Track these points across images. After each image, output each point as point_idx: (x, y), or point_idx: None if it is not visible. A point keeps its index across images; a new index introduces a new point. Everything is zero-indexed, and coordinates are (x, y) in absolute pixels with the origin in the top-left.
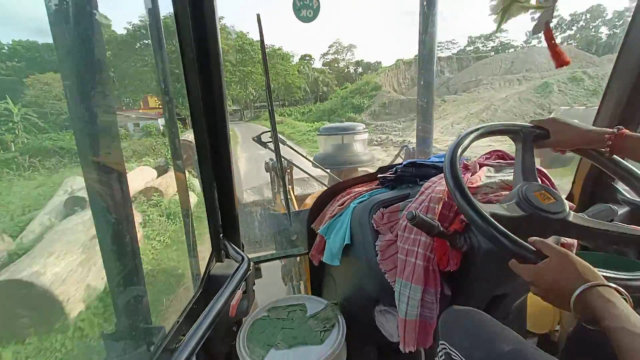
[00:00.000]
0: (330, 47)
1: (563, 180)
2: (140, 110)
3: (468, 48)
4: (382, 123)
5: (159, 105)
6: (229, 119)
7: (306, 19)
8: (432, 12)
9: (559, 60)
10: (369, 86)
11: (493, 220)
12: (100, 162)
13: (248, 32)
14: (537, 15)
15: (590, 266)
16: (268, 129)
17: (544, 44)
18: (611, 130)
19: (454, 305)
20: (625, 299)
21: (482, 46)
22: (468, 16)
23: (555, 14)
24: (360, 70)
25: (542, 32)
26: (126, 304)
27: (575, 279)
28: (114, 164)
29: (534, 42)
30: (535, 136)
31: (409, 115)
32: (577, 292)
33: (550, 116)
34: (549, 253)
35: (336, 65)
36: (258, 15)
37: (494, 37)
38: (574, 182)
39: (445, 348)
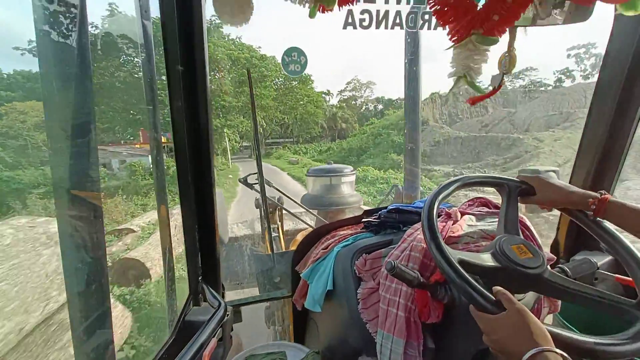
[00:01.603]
0: (347, 84)
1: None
2: (137, 145)
3: (490, 87)
4: (453, 170)
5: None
6: (238, 156)
7: (294, 73)
8: (415, 67)
9: (475, 100)
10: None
11: (459, 266)
12: (76, 198)
13: (259, 47)
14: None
15: (544, 328)
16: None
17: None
18: (594, 194)
19: None
20: None
21: (510, 84)
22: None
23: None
24: (381, 107)
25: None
26: (91, 352)
27: (527, 340)
28: (90, 200)
29: (567, 81)
30: (520, 191)
31: (486, 158)
32: (527, 355)
33: (536, 175)
34: (508, 307)
35: (354, 102)
36: (248, 70)
37: (523, 76)
38: (558, 229)
39: None
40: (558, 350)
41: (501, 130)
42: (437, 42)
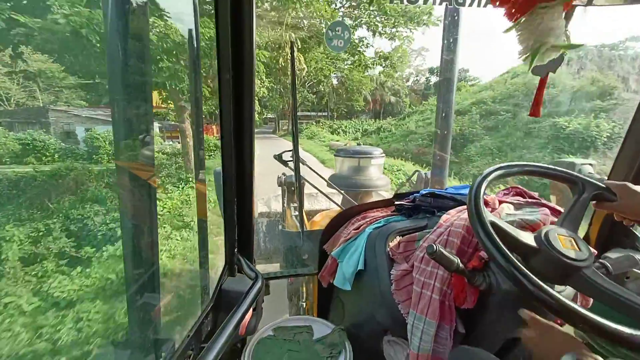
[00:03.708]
0: (394, 49)
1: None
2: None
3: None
4: None
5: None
6: (259, 129)
7: (337, 48)
8: (452, 55)
9: (537, 110)
10: (600, 88)
11: (521, 266)
12: (133, 179)
13: None
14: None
15: (573, 336)
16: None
17: None
18: None
19: (463, 345)
20: None
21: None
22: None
23: None
24: (435, 78)
25: (540, 77)
26: (140, 313)
27: (562, 348)
28: (145, 180)
29: None
30: (597, 195)
31: None
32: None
33: (624, 183)
34: (533, 326)
35: (400, 72)
36: (292, 43)
37: (625, 47)
38: (590, 224)
39: None
40: (593, 355)
41: None
42: None
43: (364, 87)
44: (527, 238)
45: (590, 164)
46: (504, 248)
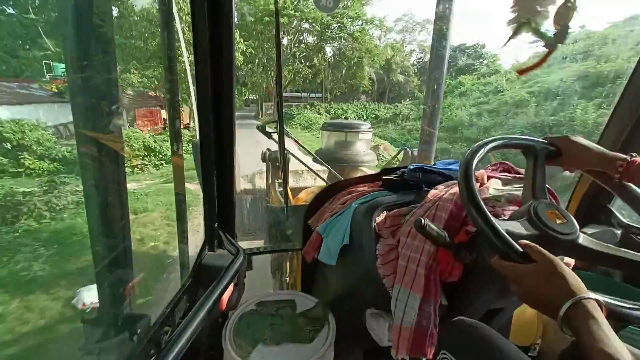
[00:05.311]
0: (396, 21)
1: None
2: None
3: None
4: None
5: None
6: (241, 113)
7: (325, 9)
8: (445, 25)
9: (525, 71)
10: None
11: (494, 221)
12: (96, 136)
13: None
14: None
15: (578, 278)
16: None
17: None
18: (624, 156)
19: (460, 317)
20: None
21: None
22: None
23: None
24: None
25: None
26: (112, 288)
27: (566, 290)
28: (111, 140)
29: None
30: (547, 153)
31: None
32: (568, 304)
33: (564, 135)
34: (538, 258)
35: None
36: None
37: None
38: (569, 201)
39: (446, 358)
40: (594, 296)
41: None
42: None
43: (376, 58)
44: (526, 228)
45: None
46: (501, 230)
